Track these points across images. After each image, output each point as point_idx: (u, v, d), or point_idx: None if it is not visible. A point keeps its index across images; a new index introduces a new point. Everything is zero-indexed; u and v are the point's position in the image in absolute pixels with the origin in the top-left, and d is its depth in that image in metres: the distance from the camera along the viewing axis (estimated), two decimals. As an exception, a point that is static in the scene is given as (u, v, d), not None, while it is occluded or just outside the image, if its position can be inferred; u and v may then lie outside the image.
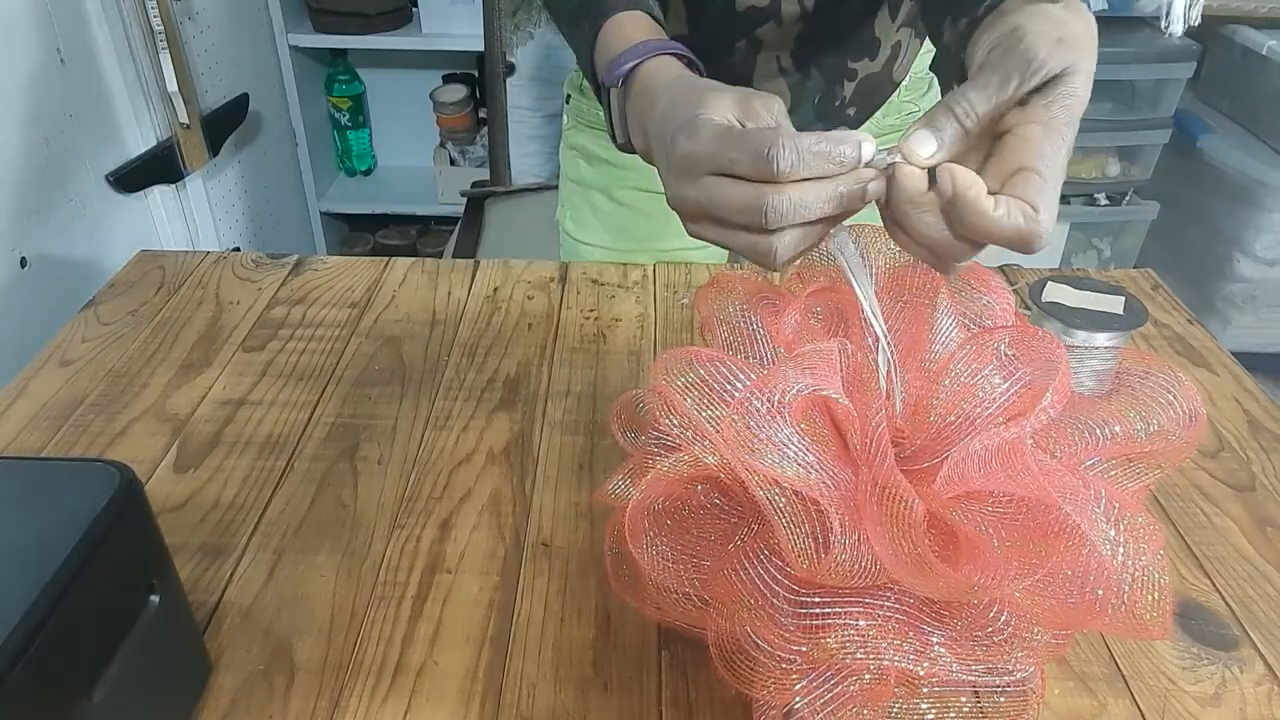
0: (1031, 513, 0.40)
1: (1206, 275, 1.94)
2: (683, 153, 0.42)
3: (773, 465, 0.38)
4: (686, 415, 0.42)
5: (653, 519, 0.44)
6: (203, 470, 0.62)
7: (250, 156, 1.87)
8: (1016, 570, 0.38)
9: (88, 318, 0.79)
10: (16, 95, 1.19)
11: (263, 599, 0.53)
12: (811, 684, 0.40)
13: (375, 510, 0.59)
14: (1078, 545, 0.38)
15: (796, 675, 0.40)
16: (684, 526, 0.45)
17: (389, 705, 0.47)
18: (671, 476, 0.43)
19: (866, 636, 0.39)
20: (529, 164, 2.12)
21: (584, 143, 0.92)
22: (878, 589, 0.40)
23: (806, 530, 0.38)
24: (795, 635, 0.39)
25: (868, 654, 0.39)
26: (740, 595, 0.41)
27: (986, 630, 0.41)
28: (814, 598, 0.40)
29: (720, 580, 0.42)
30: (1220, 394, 0.72)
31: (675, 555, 0.44)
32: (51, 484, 0.41)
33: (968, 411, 0.42)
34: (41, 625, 0.34)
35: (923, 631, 0.41)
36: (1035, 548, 0.39)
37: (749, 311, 0.48)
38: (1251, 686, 0.49)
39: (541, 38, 2.03)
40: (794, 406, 0.39)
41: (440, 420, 0.67)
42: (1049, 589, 0.39)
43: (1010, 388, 0.42)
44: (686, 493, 0.45)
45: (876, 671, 0.40)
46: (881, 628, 0.40)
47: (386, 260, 0.88)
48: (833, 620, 0.39)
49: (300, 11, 2.05)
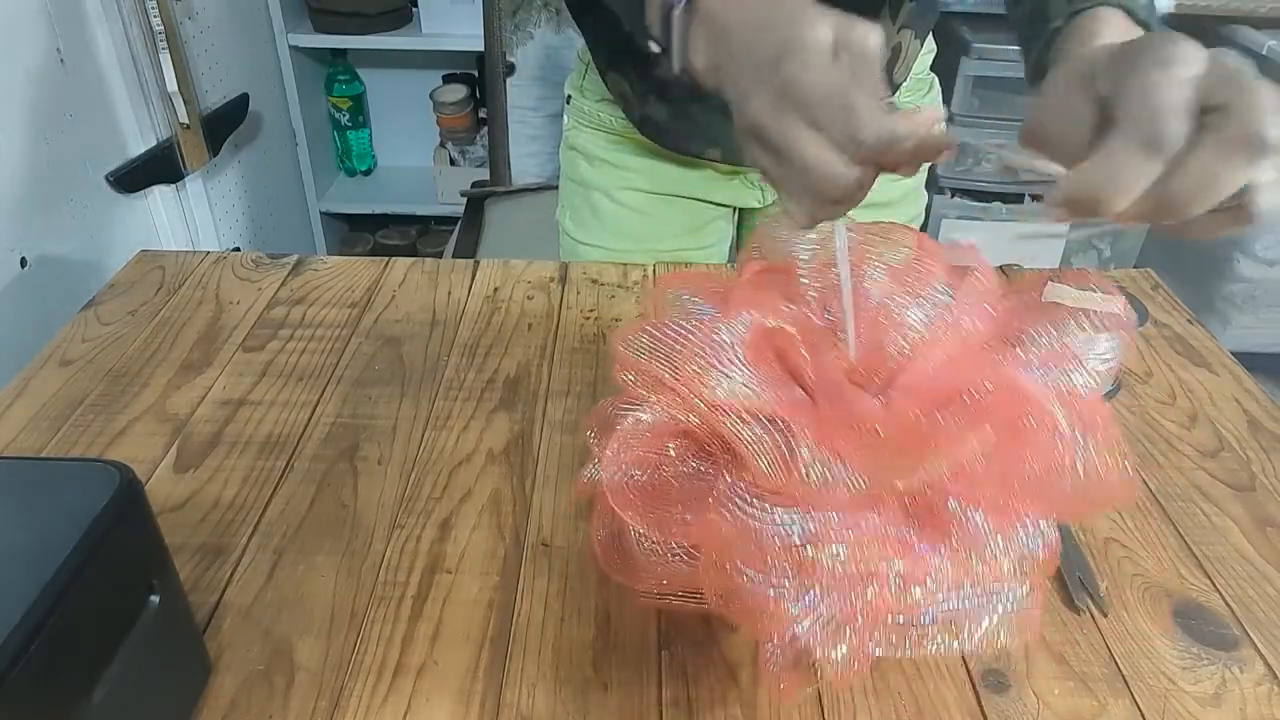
0: (984, 405, 0.41)
1: (1206, 275, 1.94)
2: (788, 79, 0.41)
3: (726, 393, 0.40)
4: (644, 370, 0.43)
5: (636, 492, 0.45)
6: (203, 470, 0.62)
7: (250, 156, 1.88)
8: (969, 439, 0.39)
9: (88, 318, 0.79)
10: (16, 95, 1.19)
11: (263, 599, 0.53)
12: (808, 607, 0.40)
13: (375, 510, 0.59)
14: (1031, 415, 0.40)
15: (791, 601, 0.40)
16: (667, 494, 0.45)
17: (389, 705, 0.47)
18: (641, 432, 0.44)
19: (856, 547, 0.39)
20: (529, 164, 2.12)
21: (584, 143, 0.92)
22: (857, 508, 0.41)
23: (771, 448, 0.39)
24: (782, 559, 0.40)
25: (857, 561, 0.39)
26: (724, 534, 0.41)
27: (967, 536, 0.41)
28: (794, 516, 0.40)
29: (706, 528, 0.42)
30: (1220, 394, 0.72)
31: (660, 518, 0.44)
32: (51, 484, 0.41)
33: (910, 343, 0.44)
34: (41, 625, 0.34)
35: (911, 547, 0.41)
36: (987, 423, 0.40)
37: (695, 298, 0.49)
38: (1251, 686, 0.49)
39: (541, 38, 2.03)
40: (744, 341, 0.41)
41: (440, 420, 0.67)
42: (1008, 465, 0.40)
43: (939, 311, 0.44)
44: (663, 461, 0.45)
45: (869, 581, 0.40)
46: (867, 542, 0.40)
47: (386, 260, 0.88)
48: (818, 536, 0.40)
49: (300, 11, 2.05)
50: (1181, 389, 0.72)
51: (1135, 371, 0.74)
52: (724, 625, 0.52)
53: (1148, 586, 0.55)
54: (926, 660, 0.50)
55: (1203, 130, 0.37)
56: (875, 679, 0.49)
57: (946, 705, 0.48)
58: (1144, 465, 0.64)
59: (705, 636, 0.51)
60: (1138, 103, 0.37)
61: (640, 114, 0.84)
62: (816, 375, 0.42)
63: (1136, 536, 0.58)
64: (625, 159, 0.90)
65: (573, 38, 1.97)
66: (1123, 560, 0.57)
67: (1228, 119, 0.36)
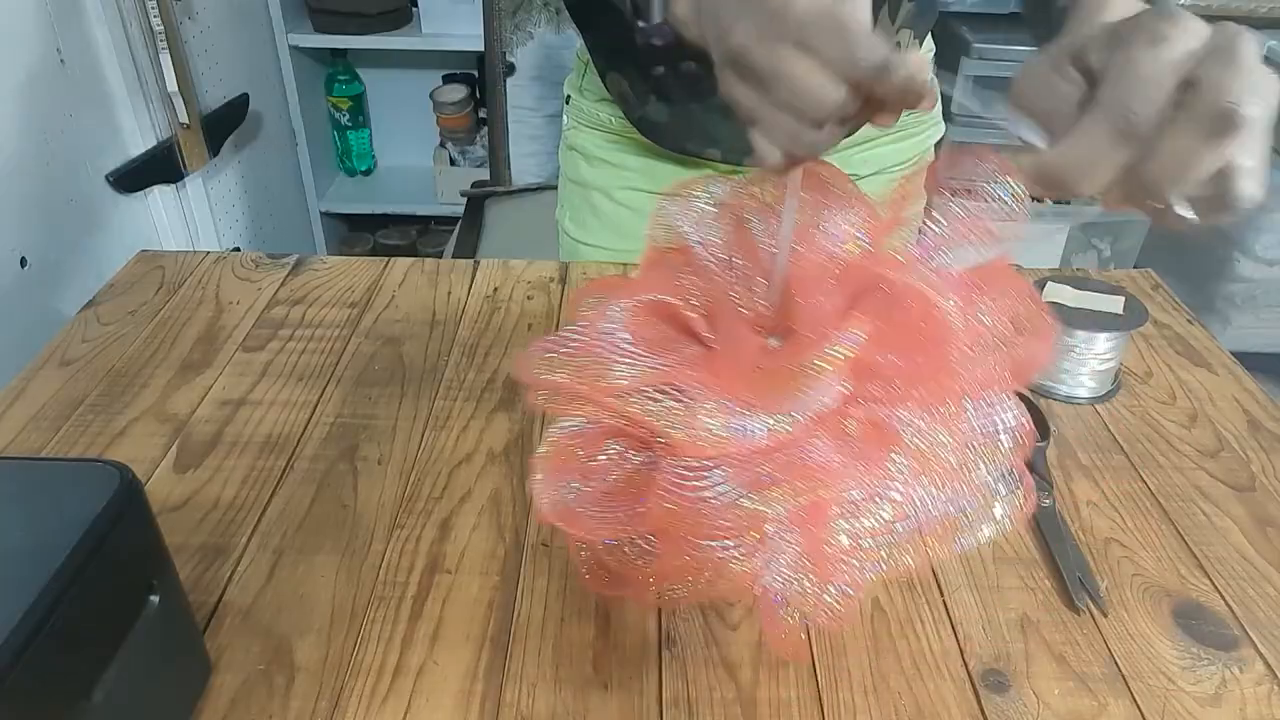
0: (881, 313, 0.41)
1: (1206, 275, 1.94)
2: (777, 5, 0.40)
3: (629, 378, 0.41)
4: (552, 386, 0.43)
5: (593, 502, 0.45)
6: (203, 470, 0.62)
7: (250, 156, 1.87)
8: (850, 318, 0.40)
9: (88, 318, 0.79)
10: (16, 95, 1.19)
11: (263, 599, 0.53)
12: (769, 557, 0.40)
13: (375, 510, 0.59)
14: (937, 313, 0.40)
15: (752, 555, 0.40)
16: (623, 494, 0.45)
17: (389, 705, 0.47)
18: (565, 442, 0.44)
19: (791, 489, 0.39)
20: (529, 164, 2.12)
21: (584, 143, 0.92)
22: (789, 447, 0.40)
23: (680, 412, 0.40)
24: (732, 522, 0.40)
25: (804, 500, 0.39)
26: (676, 515, 0.41)
27: (922, 446, 0.41)
28: (721, 474, 0.40)
29: (656, 512, 0.42)
30: (1220, 394, 0.72)
31: (615, 520, 0.44)
32: (51, 484, 0.41)
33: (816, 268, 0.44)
34: (41, 625, 0.34)
35: (857, 469, 0.41)
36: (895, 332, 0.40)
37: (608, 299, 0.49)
38: (1251, 686, 0.49)
39: (541, 38, 2.03)
40: (628, 321, 0.42)
41: (440, 420, 0.67)
42: (901, 343, 0.41)
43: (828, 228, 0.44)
44: (607, 465, 0.45)
45: (821, 511, 0.40)
46: (802, 476, 0.40)
47: (386, 260, 0.88)
48: (754, 485, 0.40)
49: (300, 11, 2.05)
50: (1181, 389, 0.72)
51: (1135, 371, 0.74)
52: (724, 625, 0.52)
53: (1148, 586, 0.55)
54: (926, 660, 0.50)
55: (1178, 108, 0.35)
56: (875, 679, 0.49)
57: (946, 705, 0.48)
58: (1144, 465, 0.64)
59: (705, 636, 0.51)
60: (1115, 81, 0.36)
61: (640, 114, 0.84)
62: (712, 326, 0.43)
63: (1136, 536, 0.58)
64: (625, 159, 0.90)
65: (572, 38, 1.97)
66: (1123, 560, 0.57)
67: (1200, 95, 0.34)
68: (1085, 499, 0.61)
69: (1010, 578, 0.55)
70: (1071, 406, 0.70)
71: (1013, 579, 0.55)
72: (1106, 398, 0.71)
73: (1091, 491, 0.62)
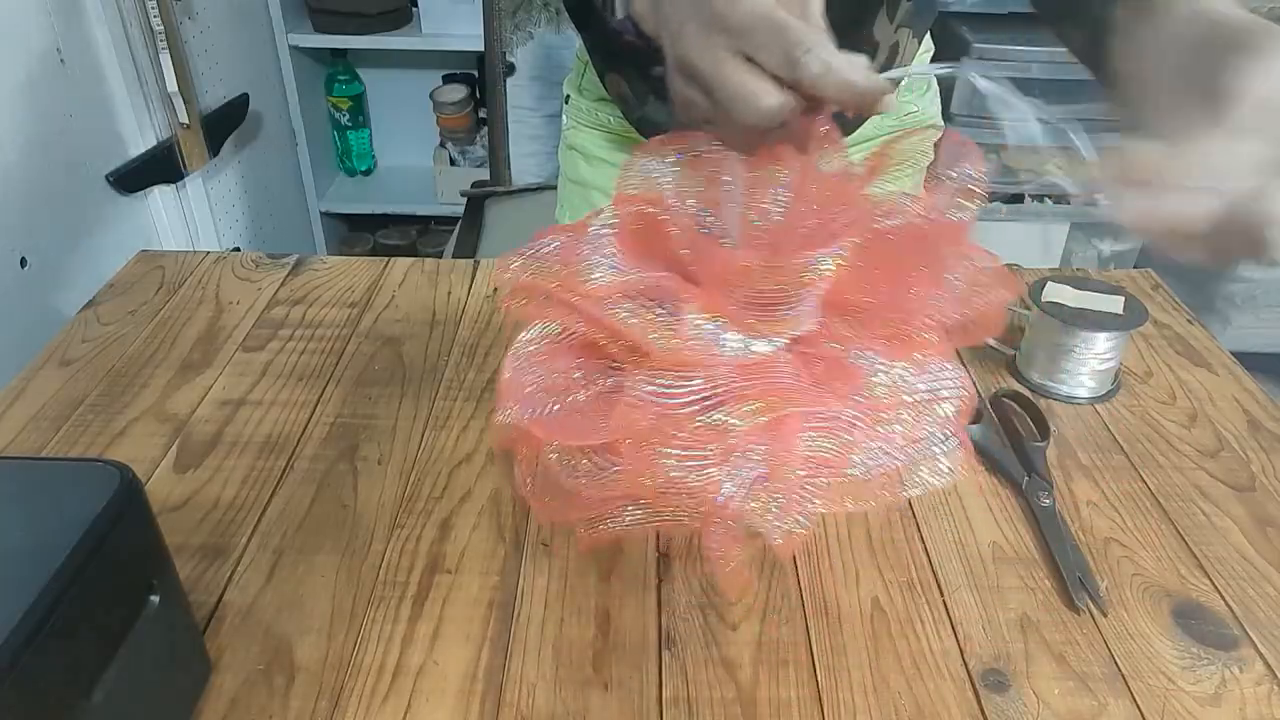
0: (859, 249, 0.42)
1: (1206, 275, 1.94)
2: (719, 12, 0.40)
3: (608, 280, 0.41)
4: (528, 288, 0.44)
5: (553, 426, 0.45)
6: (203, 470, 0.62)
7: (250, 156, 1.87)
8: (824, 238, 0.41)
9: (88, 318, 0.79)
10: (16, 95, 1.19)
11: (263, 599, 0.53)
12: (733, 473, 0.41)
13: (375, 510, 0.59)
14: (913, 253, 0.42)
15: (715, 468, 0.41)
16: (584, 415, 0.45)
17: (389, 705, 0.47)
18: (537, 347, 0.45)
19: (759, 404, 0.40)
20: (529, 164, 2.12)
21: (583, 143, 0.92)
22: (761, 366, 0.41)
23: (657, 318, 0.41)
24: (699, 433, 0.41)
25: (770, 413, 0.40)
26: (643, 427, 0.42)
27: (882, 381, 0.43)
28: (698, 384, 0.41)
29: (622, 422, 0.42)
30: (1220, 394, 0.72)
31: (582, 432, 0.44)
32: (51, 484, 0.41)
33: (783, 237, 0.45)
34: (41, 625, 0.34)
35: (824, 395, 0.42)
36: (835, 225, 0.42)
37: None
38: (1251, 686, 0.49)
39: (541, 38, 2.03)
40: (615, 230, 0.42)
41: (440, 420, 0.67)
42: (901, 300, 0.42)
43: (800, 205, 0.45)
44: (570, 384, 0.46)
45: (785, 431, 0.41)
46: (772, 392, 0.41)
47: (386, 260, 0.88)
48: (724, 397, 0.41)
49: (300, 11, 2.05)
50: (1181, 389, 0.72)
51: (1135, 371, 0.74)
52: (724, 625, 0.52)
53: (1148, 586, 0.55)
54: (926, 660, 0.50)
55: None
56: (875, 679, 0.49)
57: (946, 705, 0.48)
58: (1144, 465, 0.64)
59: (705, 636, 0.51)
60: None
61: (639, 114, 0.84)
62: (690, 244, 0.43)
63: (1136, 536, 0.58)
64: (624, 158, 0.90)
65: (572, 37, 1.97)
66: (1123, 560, 0.57)
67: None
68: (1085, 499, 0.61)
69: (1010, 578, 0.55)
70: (1071, 406, 0.70)
71: (1013, 579, 0.55)
72: (1106, 398, 0.71)
73: (1091, 491, 0.62)
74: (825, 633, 0.51)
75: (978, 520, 0.59)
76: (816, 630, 0.52)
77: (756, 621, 0.52)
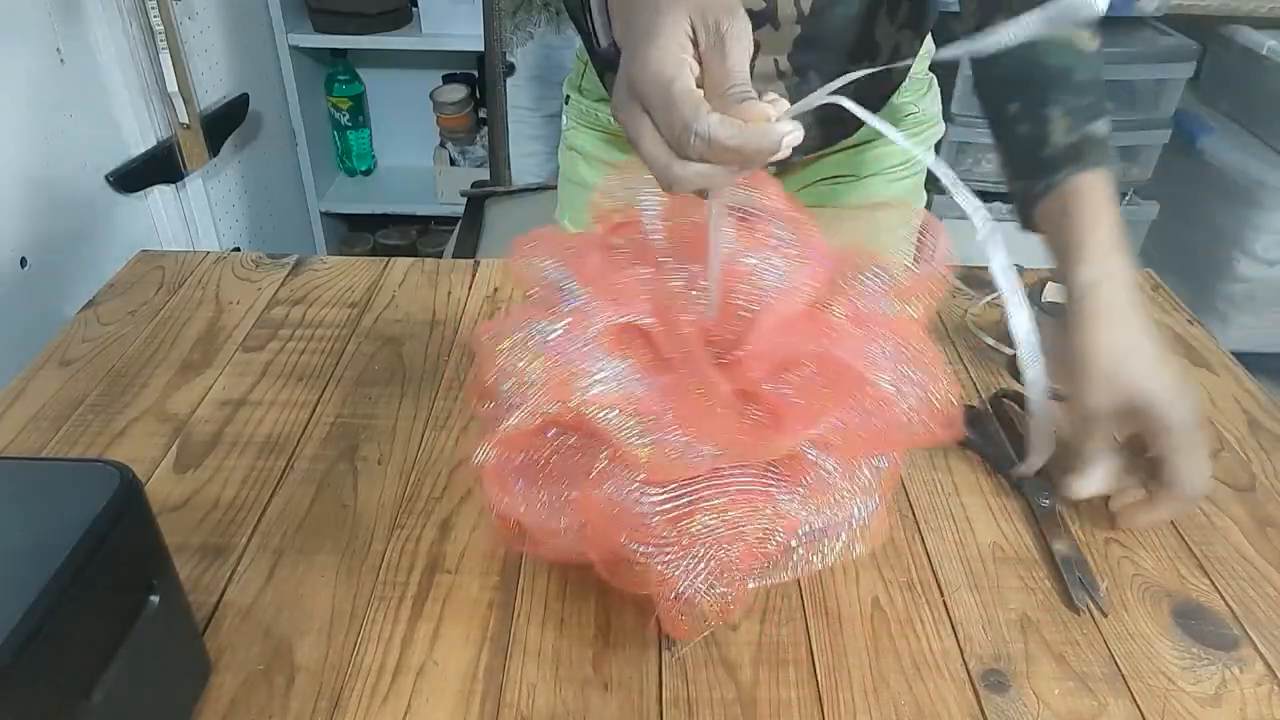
0: (831, 368, 0.46)
1: (1206, 275, 1.94)
2: (630, 75, 0.42)
3: (598, 392, 0.44)
4: (516, 374, 0.46)
5: (518, 473, 0.48)
6: (203, 470, 0.62)
7: (250, 156, 1.87)
8: (817, 418, 0.44)
9: (88, 318, 0.79)
10: (16, 95, 1.19)
11: (263, 599, 0.53)
12: (689, 568, 0.44)
13: (375, 510, 0.59)
14: (865, 386, 0.46)
15: (673, 566, 0.44)
16: (549, 472, 0.48)
17: (389, 705, 0.47)
18: (518, 431, 0.47)
19: (722, 514, 0.44)
20: (529, 164, 2.12)
21: (583, 144, 0.92)
22: (724, 471, 0.45)
23: (640, 435, 0.44)
24: (662, 532, 0.44)
25: (727, 528, 0.44)
26: (607, 513, 0.45)
27: (822, 477, 0.47)
28: (670, 493, 0.45)
29: (588, 504, 0.45)
30: (1220, 394, 0.72)
31: (546, 500, 0.47)
32: (51, 484, 0.41)
33: (758, 295, 0.48)
34: (41, 625, 0.34)
35: (774, 498, 0.46)
36: (832, 399, 0.45)
37: (555, 264, 0.52)
38: (1251, 686, 0.49)
39: (541, 38, 2.03)
40: (605, 335, 0.45)
41: (440, 420, 0.67)
42: (853, 427, 0.46)
43: (785, 265, 0.48)
44: (541, 442, 0.49)
45: (740, 539, 0.44)
46: (734, 503, 0.45)
47: (386, 260, 0.88)
48: (691, 508, 0.44)
49: (300, 11, 2.05)
50: (1181, 389, 0.72)
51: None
52: (724, 625, 0.52)
53: (1148, 586, 0.55)
54: (926, 660, 0.50)
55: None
56: (875, 679, 0.49)
57: (946, 705, 0.48)
58: (1144, 465, 0.64)
59: (705, 636, 0.51)
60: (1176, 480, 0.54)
61: None
62: (675, 352, 0.46)
63: (1136, 536, 0.58)
64: (623, 160, 0.90)
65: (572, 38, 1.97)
66: (1123, 560, 0.57)
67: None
68: (1085, 499, 0.61)
69: (1010, 578, 0.55)
70: (1071, 406, 0.70)
71: (1013, 579, 0.55)
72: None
73: (1091, 491, 0.62)
74: (825, 633, 0.51)
75: (978, 520, 0.59)
76: (816, 630, 0.52)
77: (756, 621, 0.52)
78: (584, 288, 0.49)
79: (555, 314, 0.48)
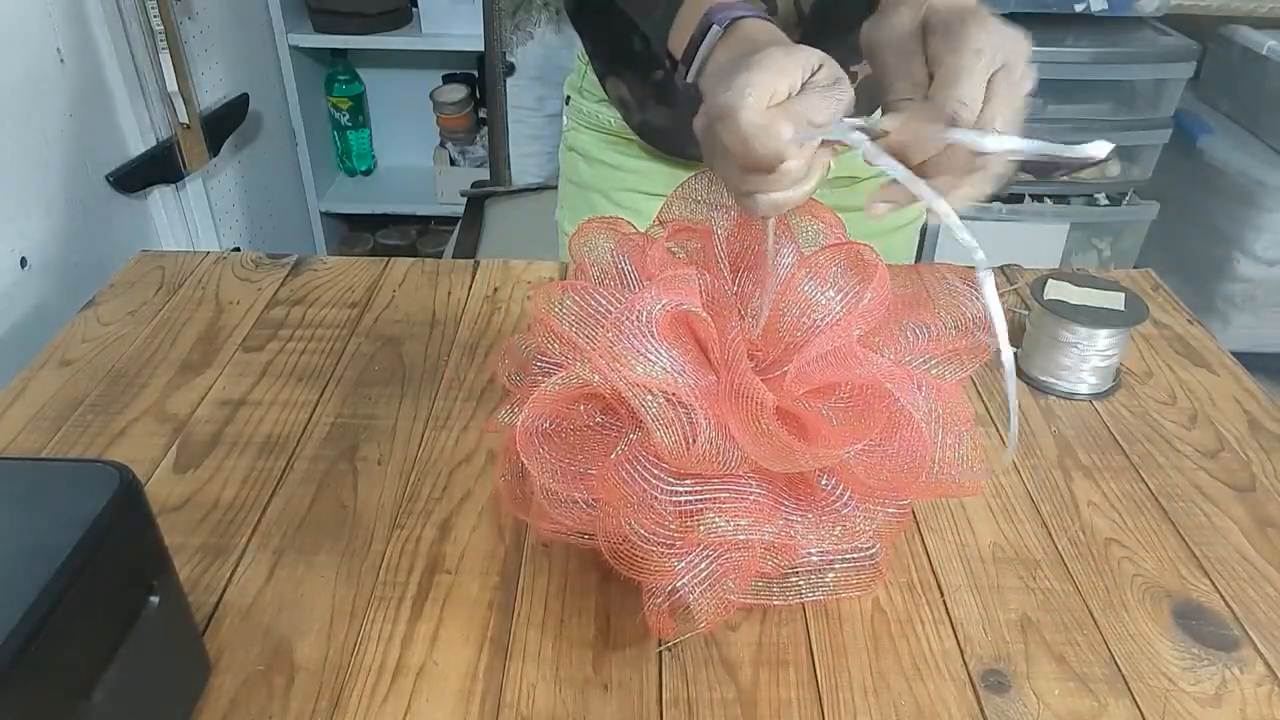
0: (865, 400, 0.47)
1: (1206, 275, 1.94)
2: (719, 103, 0.44)
3: (642, 373, 0.44)
4: (566, 337, 0.47)
5: (542, 438, 0.48)
6: (203, 470, 0.62)
7: (250, 156, 1.87)
8: (850, 440, 0.45)
9: (88, 318, 0.79)
10: (16, 95, 1.19)
11: (263, 599, 0.53)
12: (689, 564, 0.45)
13: (375, 510, 0.59)
14: (901, 420, 0.46)
15: (676, 558, 0.45)
16: (570, 443, 0.49)
17: (389, 705, 0.47)
18: (556, 394, 0.47)
19: (732, 518, 0.45)
20: (529, 164, 2.12)
21: (583, 144, 0.92)
22: (741, 478, 0.46)
23: (675, 427, 0.44)
24: (672, 523, 0.45)
25: (733, 532, 0.45)
26: (623, 493, 0.45)
27: (835, 508, 0.47)
28: (686, 487, 0.45)
29: (605, 483, 0.46)
30: (1220, 394, 0.72)
31: (564, 467, 0.48)
32: (51, 484, 0.41)
33: (810, 324, 0.49)
34: (41, 625, 0.34)
35: (783, 513, 0.47)
36: (866, 424, 0.46)
37: (617, 252, 0.53)
38: (1251, 687, 0.49)
39: (541, 38, 2.03)
40: (659, 321, 0.45)
41: (440, 420, 0.67)
42: (880, 460, 0.46)
43: (842, 299, 0.49)
44: (570, 414, 0.49)
45: (743, 548, 0.45)
46: (745, 511, 0.45)
47: (386, 260, 0.88)
48: (703, 505, 0.45)
49: (300, 11, 2.05)
50: (1181, 389, 0.72)
51: (1135, 371, 0.74)
52: (724, 625, 0.52)
53: (1148, 587, 0.55)
54: (926, 660, 0.50)
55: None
56: (875, 679, 0.49)
57: (946, 705, 0.48)
58: (1144, 465, 0.64)
59: (705, 636, 0.51)
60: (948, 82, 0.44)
61: (640, 119, 0.84)
62: (721, 354, 0.47)
63: (1136, 537, 0.58)
64: (623, 160, 0.90)
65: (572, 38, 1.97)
66: (1123, 560, 0.57)
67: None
68: (1085, 499, 0.61)
69: (1010, 578, 0.55)
70: (1071, 403, 0.70)
71: (1013, 579, 0.55)
72: (1107, 394, 0.71)
73: (1092, 492, 0.62)
74: (825, 633, 0.51)
75: (978, 520, 0.59)
76: (816, 630, 0.52)
77: (756, 622, 0.52)
78: (642, 275, 0.50)
79: (614, 290, 0.49)
